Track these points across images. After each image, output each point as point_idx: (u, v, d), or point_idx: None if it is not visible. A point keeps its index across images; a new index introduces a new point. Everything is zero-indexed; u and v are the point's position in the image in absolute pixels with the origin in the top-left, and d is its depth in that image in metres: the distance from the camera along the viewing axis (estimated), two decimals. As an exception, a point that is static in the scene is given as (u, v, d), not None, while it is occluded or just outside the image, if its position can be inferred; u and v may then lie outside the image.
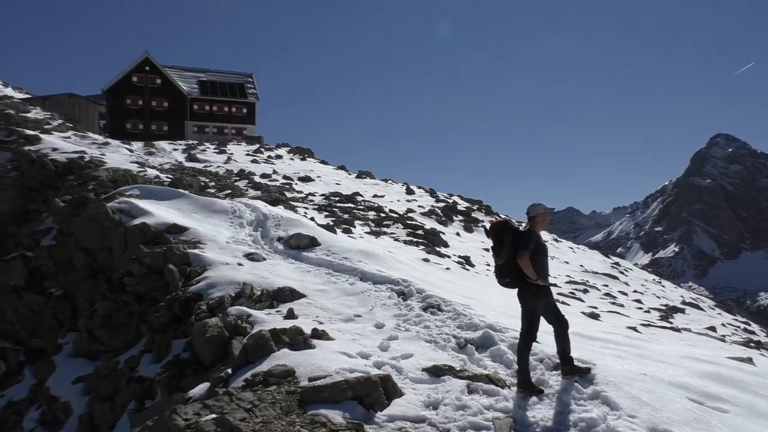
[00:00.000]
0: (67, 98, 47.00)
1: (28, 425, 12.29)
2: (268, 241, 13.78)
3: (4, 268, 17.32)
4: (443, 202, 28.64)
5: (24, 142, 25.68)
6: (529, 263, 6.10)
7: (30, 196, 20.35)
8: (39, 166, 21.09)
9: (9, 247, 19.05)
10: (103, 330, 11.86)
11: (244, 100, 51.47)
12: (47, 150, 23.47)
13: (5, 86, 68.42)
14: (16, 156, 22.79)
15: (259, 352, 7.27)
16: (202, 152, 34.52)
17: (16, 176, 20.84)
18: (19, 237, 19.02)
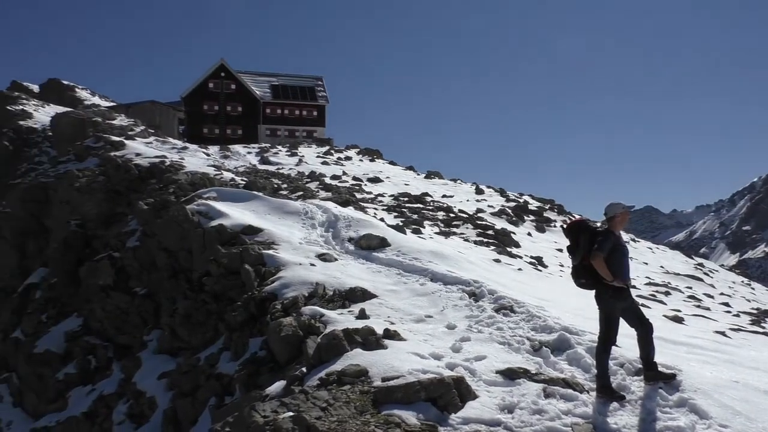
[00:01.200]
0: (149, 105, 49.37)
1: (117, 418, 12.96)
2: (339, 241, 13.95)
3: (94, 268, 18.35)
4: (514, 202, 28.14)
5: (110, 148, 27.14)
6: (602, 263, 5.89)
7: (116, 199, 21.46)
8: (124, 171, 22.21)
9: (97, 249, 20.17)
10: (184, 328, 12.35)
11: (315, 102, 52.40)
12: (131, 155, 24.69)
13: (93, 95, 72.50)
14: (103, 161, 24.09)
15: (332, 351, 7.36)
16: (275, 155, 35.39)
17: (103, 181, 22.03)
18: (106, 239, 20.09)
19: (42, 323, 19.96)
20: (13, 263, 23.86)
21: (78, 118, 36.92)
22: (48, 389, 17.61)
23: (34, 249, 23.94)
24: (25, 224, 24.23)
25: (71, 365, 17.60)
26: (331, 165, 33.22)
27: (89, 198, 21.44)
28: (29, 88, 74.56)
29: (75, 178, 22.50)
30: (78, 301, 19.55)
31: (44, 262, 22.58)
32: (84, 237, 20.94)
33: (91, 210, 21.25)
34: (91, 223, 21.11)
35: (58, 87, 72.12)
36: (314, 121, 52.43)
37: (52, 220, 23.55)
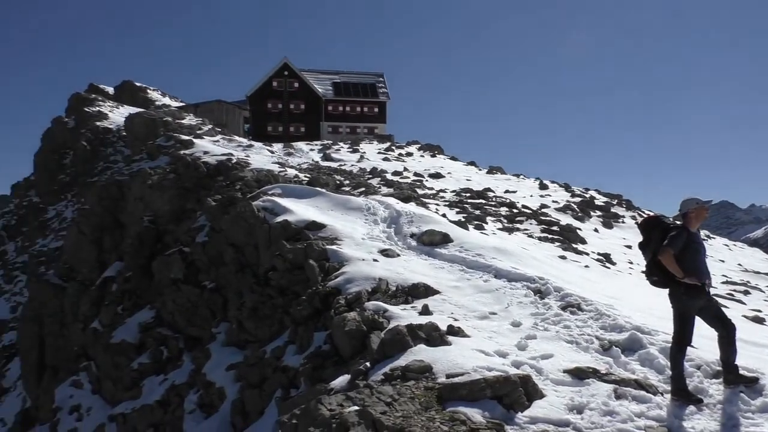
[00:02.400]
0: (216, 105, 50.88)
1: (188, 407, 13.43)
2: (402, 237, 13.96)
3: (166, 262, 19.08)
4: (579, 197, 27.42)
5: (180, 147, 28.12)
6: (671, 260, 5.65)
7: (186, 196, 22.22)
8: (193, 169, 22.96)
9: (169, 244, 20.95)
10: (251, 321, 12.67)
11: (376, 99, 52.67)
12: (199, 153, 25.49)
13: (163, 96, 75.28)
14: (174, 159, 24.99)
15: (396, 347, 7.38)
16: (337, 151, 35.77)
17: (174, 178, 22.85)
18: (177, 234, 20.84)
19: (118, 315, 20.91)
20: (92, 257, 25.09)
21: (150, 118, 38.46)
22: (124, 377, 18.45)
23: (110, 244, 25.10)
24: (102, 220, 25.44)
25: (145, 355, 18.37)
26: (393, 161, 33.30)
27: (161, 195, 22.28)
28: (105, 90, 78.19)
29: (147, 176, 23.44)
30: (151, 293, 20.38)
31: (120, 256, 23.65)
32: (156, 232, 21.80)
33: (162, 206, 22.08)
34: (162, 219, 21.95)
35: (131, 89, 75.29)
36: (375, 118, 52.71)
37: (126, 216, 24.63)
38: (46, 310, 26.05)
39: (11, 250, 52.52)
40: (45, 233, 47.51)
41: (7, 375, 33.90)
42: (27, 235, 51.31)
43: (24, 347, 27.52)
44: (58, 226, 46.08)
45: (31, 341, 26.64)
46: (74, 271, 25.65)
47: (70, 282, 25.36)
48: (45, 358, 26.09)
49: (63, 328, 25.28)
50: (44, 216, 51.62)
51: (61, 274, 26.26)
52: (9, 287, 45.13)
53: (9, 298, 43.27)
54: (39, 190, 57.64)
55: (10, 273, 47.02)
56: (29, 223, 53.69)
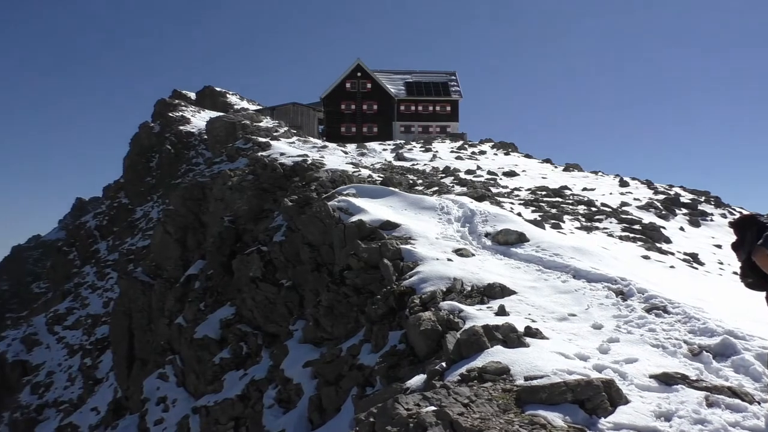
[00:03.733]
0: (291, 107, 52.16)
1: (267, 402, 13.82)
2: (476, 236, 13.81)
3: (245, 261, 19.71)
4: (663, 194, 26.22)
5: (257, 149, 29.00)
6: (766, 259, 5.29)
7: (263, 196, 22.88)
8: (270, 170, 23.61)
9: (248, 243, 21.64)
10: (327, 319, 12.88)
11: (448, 98, 52.40)
12: (276, 155, 26.18)
13: (241, 100, 77.83)
14: (252, 161, 25.79)
15: (472, 347, 7.31)
16: (409, 151, 35.81)
17: (252, 179, 23.58)
18: (255, 233, 21.50)
19: (200, 311, 21.81)
20: (176, 255, 26.29)
21: (229, 122, 39.86)
22: (206, 371, 19.21)
23: (193, 243, 26.21)
24: (185, 220, 26.60)
25: (226, 350, 19.06)
26: (465, 160, 32.99)
27: (240, 195, 23.05)
28: (187, 95, 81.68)
29: (227, 178, 24.30)
30: (231, 291, 21.12)
31: (202, 255, 24.65)
32: (236, 232, 22.57)
33: (241, 206, 22.83)
34: (241, 219, 22.70)
35: (211, 93, 78.26)
36: (448, 117, 52.44)
37: (208, 216, 25.64)
38: (135, 305, 27.53)
39: (103, 248, 55.81)
40: (133, 233, 50.19)
41: (100, 366, 36.07)
42: (117, 235, 54.38)
43: (115, 340, 29.20)
44: (145, 226, 48.58)
45: (121, 335, 28.24)
46: (160, 269, 26.97)
47: (157, 279, 26.69)
48: (134, 351, 27.57)
49: (150, 323, 26.64)
50: (133, 216, 54.54)
51: (148, 272, 27.68)
52: (101, 284, 48.01)
53: (101, 294, 46.04)
54: (128, 192, 60.94)
55: (102, 270, 49.99)
56: (119, 223, 56.86)
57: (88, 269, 53.18)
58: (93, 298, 46.59)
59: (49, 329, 45.60)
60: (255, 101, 79.17)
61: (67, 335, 43.74)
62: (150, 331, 26.70)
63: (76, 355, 40.20)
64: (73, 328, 44.16)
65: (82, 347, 40.25)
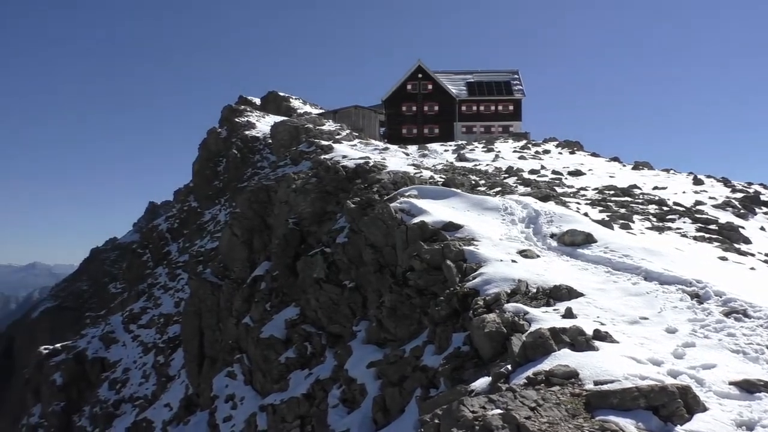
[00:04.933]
0: (353, 110, 52.69)
1: (332, 401, 13.99)
2: (541, 237, 13.54)
3: (309, 262, 20.03)
4: (741, 192, 24.90)
5: (320, 152, 29.41)
6: None
7: (326, 198, 23.19)
8: (333, 172, 23.90)
9: (312, 245, 21.98)
10: (390, 320, 12.92)
11: (510, 97, 51.59)
12: (338, 157, 26.48)
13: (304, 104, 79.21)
14: (315, 164, 26.18)
15: (538, 350, 7.17)
16: (471, 152, 35.46)
17: (315, 182, 23.94)
18: (319, 235, 21.81)
19: (266, 311, 22.30)
20: (243, 257, 26.99)
21: (293, 126, 40.64)
22: (272, 370, 19.61)
23: (259, 244, 26.84)
24: (251, 223, 27.28)
25: (291, 350, 19.41)
26: (529, 159, 32.38)
27: (304, 198, 23.44)
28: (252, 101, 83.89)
29: (291, 181, 24.75)
30: (296, 291, 21.50)
31: (268, 256, 25.20)
32: (300, 233, 22.97)
33: (305, 209, 23.22)
34: (305, 221, 23.08)
35: (275, 98, 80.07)
36: (510, 116, 51.65)
37: (273, 219, 26.20)
38: (204, 305, 28.44)
39: (174, 250, 58.00)
40: (202, 235, 51.90)
41: (172, 364, 37.47)
42: (187, 237, 56.39)
43: (186, 339, 30.25)
44: (214, 229, 50.15)
45: (192, 333, 29.22)
46: (228, 270, 27.76)
47: (225, 280, 27.48)
48: (204, 350, 28.48)
49: (219, 322, 27.45)
50: (201, 219, 56.42)
51: (216, 273, 28.54)
52: (173, 284, 49.88)
53: (173, 294, 47.83)
54: (197, 196, 63.11)
55: (174, 271, 51.94)
56: (189, 225, 58.95)
57: (161, 270, 55.36)
58: (165, 298, 48.47)
59: (125, 328, 47.74)
60: (317, 105, 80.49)
61: (141, 333, 45.65)
62: (219, 331, 27.52)
63: (150, 352, 41.91)
64: (147, 326, 46.07)
65: (155, 345, 41.93)
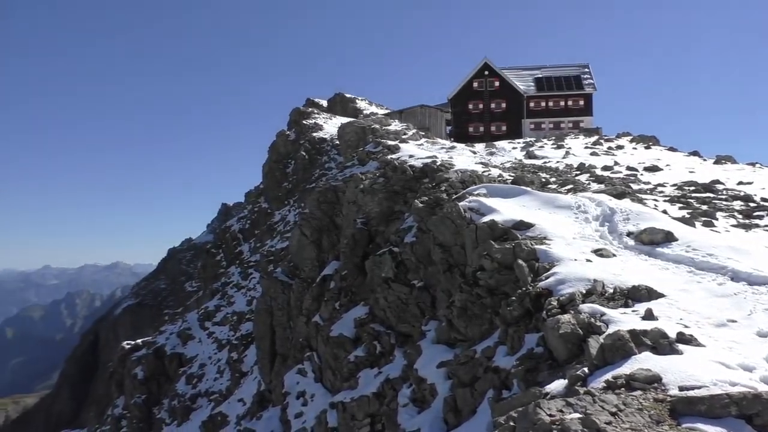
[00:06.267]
0: (419, 109, 52.61)
1: (402, 401, 13.99)
2: (617, 236, 13.08)
3: (378, 262, 20.13)
4: (837, 187, 23.23)
5: (387, 152, 29.51)
6: None
7: (394, 198, 23.24)
8: (400, 172, 23.93)
9: (380, 244, 22.08)
10: (460, 320, 12.78)
11: (581, 92, 50.19)
12: (405, 157, 26.49)
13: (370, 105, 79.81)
14: (382, 164, 26.28)
15: (618, 353, 6.92)
16: (540, 149, 34.72)
17: (383, 182, 24.03)
18: (387, 234, 21.89)
19: (336, 310, 22.57)
20: (312, 257, 27.43)
21: (359, 127, 40.99)
22: (342, 368, 19.84)
23: (328, 244, 27.21)
24: (320, 223, 27.69)
25: (360, 349, 19.57)
26: (601, 155, 31.38)
27: (371, 198, 23.58)
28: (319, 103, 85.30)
29: (359, 181, 24.95)
30: (365, 291, 21.67)
31: (336, 256, 25.51)
32: (368, 233, 23.12)
33: (373, 209, 23.36)
34: (373, 221, 23.21)
35: (342, 100, 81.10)
36: (580, 111, 50.24)
37: (341, 219, 26.50)
38: (275, 303, 29.10)
39: (246, 250, 59.73)
40: (273, 235, 53.17)
41: (245, 360, 38.58)
42: (258, 237, 57.92)
43: (258, 336, 31.05)
44: (283, 229, 51.28)
45: (263, 331, 29.97)
46: (298, 269, 28.28)
47: (295, 279, 28.01)
48: (276, 347, 29.15)
49: (290, 320, 28.02)
50: (272, 220, 57.83)
51: (287, 272, 29.13)
52: (245, 283, 51.38)
53: (245, 293, 49.26)
54: (267, 197, 64.75)
55: (246, 270, 53.49)
56: (260, 226, 60.54)
57: (233, 269, 57.13)
58: (238, 296, 49.99)
59: (200, 325, 49.56)
60: (383, 105, 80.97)
61: (216, 330, 47.27)
62: (290, 329, 28.09)
63: (224, 349, 43.32)
64: (221, 324, 47.66)
65: (229, 342, 43.30)
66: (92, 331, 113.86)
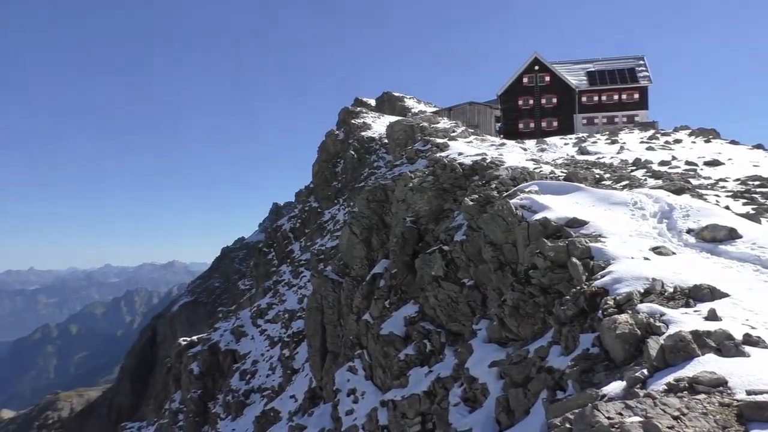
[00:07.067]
0: (468, 106, 52.18)
1: (453, 400, 13.90)
2: (676, 233, 12.62)
3: (427, 260, 20.05)
4: None
5: (436, 150, 29.38)
6: None
7: (443, 196, 23.11)
8: (449, 170, 23.77)
9: (429, 242, 22.00)
10: (512, 319, 12.59)
11: (635, 84, 48.70)
12: (454, 155, 26.30)
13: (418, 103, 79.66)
14: (431, 162, 26.17)
15: (679, 354, 6.66)
16: (593, 144, 33.90)
17: (432, 180, 23.93)
18: (436, 233, 21.78)
19: (386, 308, 22.61)
20: (362, 255, 27.56)
21: (408, 125, 40.92)
22: (392, 367, 19.86)
23: (377, 243, 27.29)
24: (370, 221, 27.79)
25: (410, 347, 19.55)
26: (658, 150, 30.39)
27: (421, 196, 23.51)
28: (367, 102, 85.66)
29: (408, 179, 24.91)
30: (414, 289, 21.63)
31: (386, 254, 25.56)
32: (418, 231, 23.07)
33: (422, 207, 23.28)
34: (423, 219, 23.14)
35: (390, 99, 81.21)
36: (635, 105, 48.76)
37: (391, 217, 26.52)
38: (326, 301, 29.38)
39: (297, 249, 60.55)
40: (323, 234, 53.73)
41: (297, 357, 39.11)
42: (309, 236, 58.61)
43: (309, 334, 31.41)
44: (333, 228, 51.75)
45: (314, 329, 30.29)
46: (348, 268, 28.47)
47: (345, 277, 28.21)
48: (326, 344, 29.43)
49: (340, 318, 28.25)
50: (321, 219, 58.44)
51: (337, 270, 29.37)
52: (296, 281, 52.09)
53: (296, 291, 49.95)
54: (317, 196, 65.46)
55: (297, 269, 54.22)
56: (310, 225, 61.26)
57: (285, 268, 58.02)
58: (289, 294, 50.74)
59: (253, 322, 50.56)
60: (431, 103, 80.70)
61: (268, 328, 48.12)
62: (340, 326, 28.32)
63: (276, 346, 44.05)
64: (273, 321, 48.48)
65: (280, 339, 44.01)
66: (150, 327, 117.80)
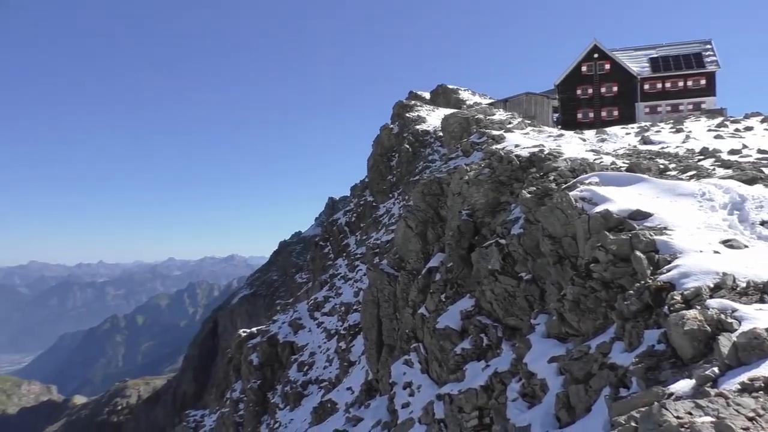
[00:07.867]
0: (524, 97, 51.26)
1: (511, 395, 13.69)
2: (748, 225, 12.03)
3: (484, 254, 19.82)
4: None
5: (491, 142, 28.99)
6: None
7: (500, 189, 22.76)
8: (506, 162, 23.39)
9: (486, 236, 21.73)
10: (573, 314, 12.28)
11: (702, 70, 46.62)
12: (510, 147, 25.85)
13: (473, 95, 78.79)
14: (487, 154, 25.82)
15: (754, 353, 6.35)
16: (656, 133, 32.67)
17: (488, 173, 23.60)
18: (493, 226, 21.49)
19: (442, 302, 22.49)
20: (418, 249, 27.50)
21: (463, 117, 40.53)
22: (448, 360, 19.74)
23: (433, 236, 27.17)
24: (425, 215, 27.69)
25: (466, 341, 19.38)
26: (727, 138, 29.00)
27: (477, 189, 23.24)
28: (422, 95, 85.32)
29: (464, 172, 24.66)
30: (471, 283, 21.42)
31: (441, 248, 25.41)
32: (474, 225, 22.82)
33: (479, 200, 23.01)
34: (479, 212, 22.87)
35: (444, 91, 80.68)
36: (702, 91, 46.69)
37: (446, 211, 26.34)
38: (381, 295, 29.50)
39: (352, 243, 61.05)
40: (378, 228, 53.97)
41: (353, 350, 39.49)
42: (364, 230, 58.99)
43: (365, 327, 31.63)
44: (388, 221, 51.90)
45: (370, 322, 30.49)
46: (403, 261, 28.47)
47: (401, 271, 28.24)
48: (382, 337, 29.57)
49: (396, 312, 28.31)
50: (377, 212, 58.70)
51: (392, 264, 29.42)
52: (352, 275, 52.54)
53: (352, 284, 50.38)
54: (372, 190, 65.75)
55: (353, 263, 54.66)
56: (365, 219, 61.63)
57: (341, 261, 58.62)
58: (345, 287, 51.25)
59: (310, 315, 51.34)
60: (486, 95, 79.67)
61: (325, 321, 48.77)
62: (396, 320, 28.39)
63: (332, 338, 44.61)
64: (329, 314, 49.10)
65: (337, 332, 44.53)
66: (212, 318, 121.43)
